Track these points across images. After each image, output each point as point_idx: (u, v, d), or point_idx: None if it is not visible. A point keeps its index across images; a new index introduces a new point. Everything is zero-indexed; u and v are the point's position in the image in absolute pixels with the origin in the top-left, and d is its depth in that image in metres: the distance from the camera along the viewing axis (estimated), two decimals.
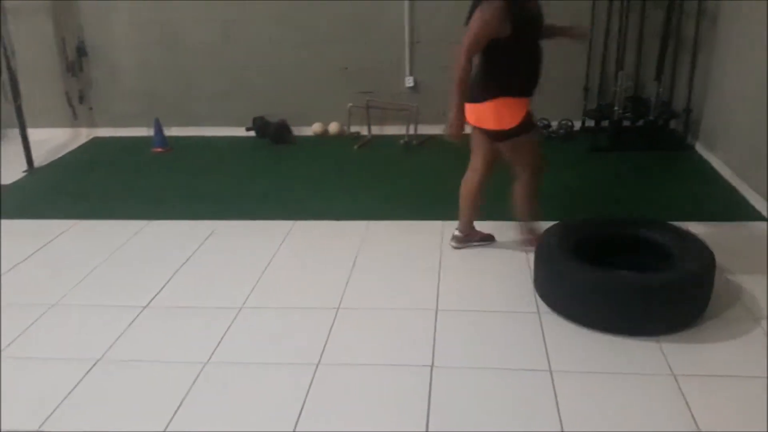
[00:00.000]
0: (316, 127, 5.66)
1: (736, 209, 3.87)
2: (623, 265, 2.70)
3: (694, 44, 4.81)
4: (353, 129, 5.63)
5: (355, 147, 5.31)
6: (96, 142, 5.71)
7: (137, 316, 2.92)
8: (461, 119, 3.08)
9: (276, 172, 4.81)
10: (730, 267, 3.10)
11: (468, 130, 3.19)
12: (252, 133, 5.60)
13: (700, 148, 4.82)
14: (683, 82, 4.97)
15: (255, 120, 5.58)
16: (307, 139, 5.59)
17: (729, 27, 4.43)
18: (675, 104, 5.01)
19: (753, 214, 3.77)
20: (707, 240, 2.88)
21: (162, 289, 3.15)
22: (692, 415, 2.20)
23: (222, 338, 2.73)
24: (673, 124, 5.07)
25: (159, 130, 5.42)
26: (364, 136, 5.54)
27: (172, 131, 5.64)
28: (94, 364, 2.59)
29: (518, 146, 3.13)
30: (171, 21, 5.49)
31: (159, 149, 5.38)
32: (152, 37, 5.55)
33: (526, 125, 3.09)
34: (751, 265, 3.17)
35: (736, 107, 4.23)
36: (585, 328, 2.69)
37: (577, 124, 5.32)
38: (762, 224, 3.64)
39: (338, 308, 2.91)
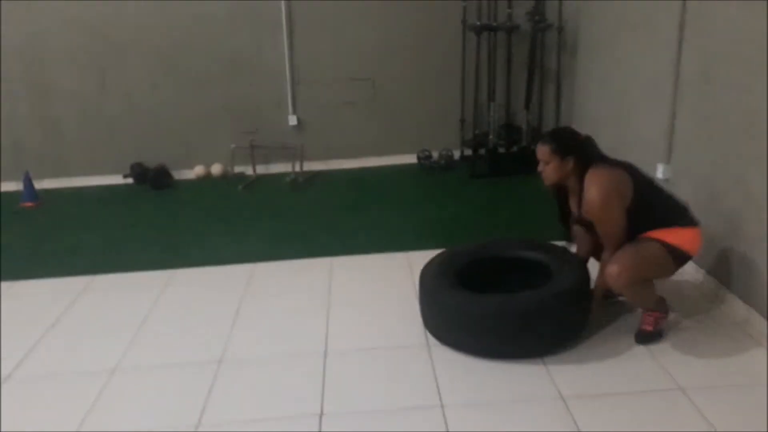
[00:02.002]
0: (198, 170, 5.52)
1: None
2: (506, 288, 2.74)
3: (557, 74, 5.10)
4: (237, 170, 5.54)
5: (240, 188, 5.21)
6: None
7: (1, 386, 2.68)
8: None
9: (155, 219, 4.64)
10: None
11: None
12: (130, 180, 5.38)
13: None
14: (550, 108, 5.26)
15: (132, 166, 5.39)
16: (189, 182, 5.44)
17: (587, 56, 4.73)
18: (545, 129, 5.27)
19: None
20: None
21: (26, 356, 2.91)
22: None
23: (92, 406, 2.54)
24: None
25: (28, 183, 5.10)
26: (249, 177, 5.46)
27: (43, 183, 5.35)
28: None
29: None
30: (40, 69, 5.26)
31: (28, 204, 5.06)
32: (18, 85, 5.27)
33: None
34: None
35: (600, 129, 4.49)
36: (473, 357, 2.71)
37: (457, 154, 5.49)
38: None
39: (220, 361, 2.79)
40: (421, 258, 3.61)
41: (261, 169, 5.53)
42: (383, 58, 5.40)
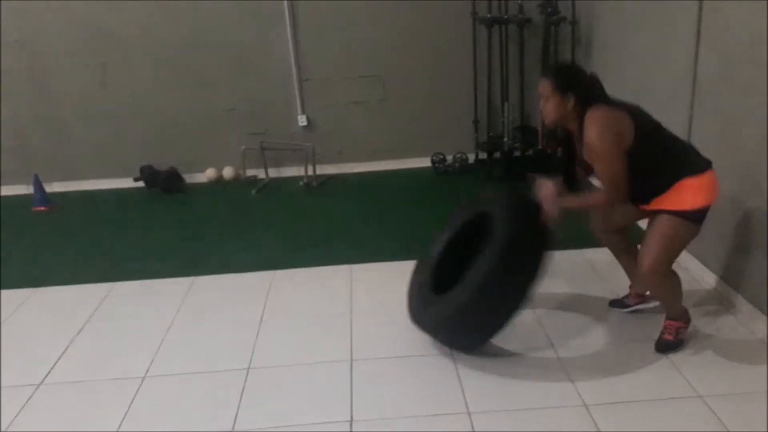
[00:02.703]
0: (209, 173, 5.51)
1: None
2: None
3: None
4: (249, 172, 5.52)
5: (253, 191, 5.20)
6: None
7: (31, 396, 2.68)
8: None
9: (170, 224, 4.63)
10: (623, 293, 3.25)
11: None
12: (141, 184, 5.37)
13: None
14: None
15: (142, 169, 5.36)
16: (200, 186, 5.43)
17: (602, 53, 4.71)
18: (560, 131, 5.24)
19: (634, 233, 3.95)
20: (596, 264, 3.00)
21: (56, 364, 2.91)
22: None
23: (126, 413, 2.55)
24: (560, 151, 5.30)
25: (39, 187, 5.09)
26: (262, 180, 5.45)
27: (53, 187, 5.34)
28: None
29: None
30: (42, 69, 5.21)
31: (41, 208, 5.05)
32: (22, 86, 5.24)
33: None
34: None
35: None
36: (495, 364, 2.73)
37: (471, 157, 5.47)
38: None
39: (248, 368, 2.79)
40: None
41: (273, 172, 5.51)
42: (392, 55, 5.34)
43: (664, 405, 2.43)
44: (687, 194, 2.52)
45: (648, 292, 3.02)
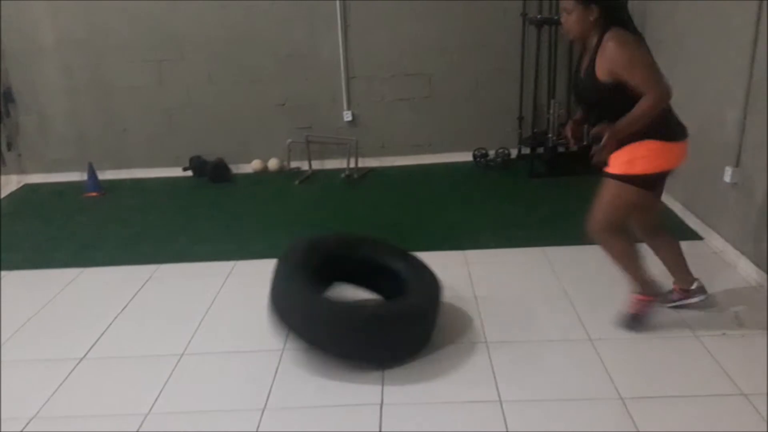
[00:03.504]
0: (255, 164, 5.61)
1: (668, 228, 3.96)
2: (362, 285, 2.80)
3: None
4: (293, 164, 5.61)
5: (296, 182, 5.28)
6: (27, 188, 5.52)
7: (74, 369, 2.80)
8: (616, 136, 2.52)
9: (215, 212, 4.74)
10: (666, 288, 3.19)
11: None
12: (189, 173, 5.51)
13: None
14: None
15: (192, 159, 5.51)
16: (246, 176, 5.54)
17: (654, 52, 4.61)
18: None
19: (686, 233, 3.88)
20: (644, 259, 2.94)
21: (99, 339, 3.02)
22: None
23: (163, 388, 2.63)
24: None
25: (92, 173, 5.28)
26: (305, 171, 5.53)
27: (106, 174, 5.51)
28: (29, 422, 2.46)
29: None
30: (102, 64, 5.40)
31: (93, 193, 5.23)
32: (82, 80, 5.44)
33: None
34: None
35: None
36: (527, 358, 2.72)
37: (514, 152, 5.44)
38: (694, 242, 3.74)
39: (283, 350, 2.85)
40: (479, 257, 3.63)
41: (316, 164, 5.59)
42: (439, 54, 5.37)
43: (705, 402, 2.38)
44: (642, 159, 2.54)
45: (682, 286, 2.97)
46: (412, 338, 2.75)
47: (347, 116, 5.53)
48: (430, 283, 2.90)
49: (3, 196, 5.33)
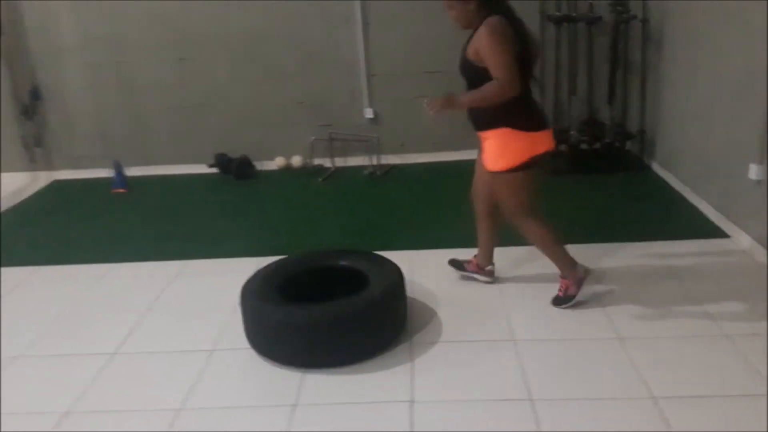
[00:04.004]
0: (279, 161, 5.66)
1: (694, 226, 3.97)
2: (328, 298, 2.77)
3: (642, 68, 4.98)
4: (316, 161, 5.65)
5: (320, 179, 5.32)
6: (55, 185, 5.61)
7: (106, 363, 2.85)
8: (450, 104, 2.87)
9: (241, 209, 4.79)
10: (694, 287, 3.18)
11: None
12: (214, 170, 5.57)
13: (657, 168, 4.95)
14: (635, 104, 5.13)
15: (217, 156, 5.56)
16: (270, 173, 5.59)
17: (674, 50, 4.60)
18: (629, 126, 5.16)
19: (712, 231, 3.86)
20: (670, 258, 2.95)
21: (130, 334, 3.08)
22: None
23: (195, 383, 2.68)
24: (629, 145, 5.22)
25: (119, 170, 5.35)
26: (328, 168, 5.56)
27: (131, 171, 5.58)
28: (62, 418, 2.51)
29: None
30: (126, 62, 5.47)
31: (120, 190, 5.30)
32: (107, 78, 5.52)
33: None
34: (704, 284, 3.25)
35: (688, 125, 4.38)
36: (559, 353, 2.74)
37: None
38: (721, 241, 3.73)
39: None
40: (503, 254, 3.63)
41: (339, 161, 5.62)
42: (458, 51, 5.35)
43: (737, 401, 2.38)
44: (505, 153, 2.82)
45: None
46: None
47: (368, 113, 5.55)
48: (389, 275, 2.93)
49: (32, 192, 5.42)
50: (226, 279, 3.55)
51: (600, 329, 2.89)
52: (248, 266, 3.66)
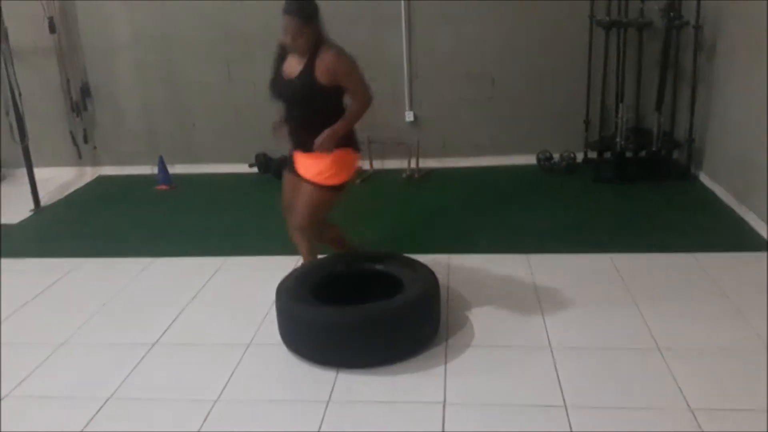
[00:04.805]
0: None
1: (742, 239, 3.87)
2: (362, 300, 2.76)
3: (693, 75, 4.86)
4: None
5: (358, 181, 5.33)
6: (101, 180, 5.75)
7: (147, 353, 2.91)
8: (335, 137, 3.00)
9: (279, 208, 4.81)
10: (738, 300, 3.10)
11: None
12: (255, 169, 5.64)
13: (704, 178, 4.82)
14: (684, 112, 5.01)
15: (257, 156, 5.63)
16: None
17: (727, 59, 4.50)
18: (677, 134, 5.04)
19: (760, 245, 3.75)
20: (714, 270, 2.88)
21: (170, 325, 3.14)
22: None
23: (231, 375, 2.72)
24: (676, 154, 5.11)
25: (163, 167, 5.46)
26: (366, 171, 5.57)
27: (175, 168, 5.68)
28: (104, 403, 2.57)
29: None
30: (173, 61, 5.57)
31: (163, 186, 5.41)
32: (155, 77, 5.63)
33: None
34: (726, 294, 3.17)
35: (738, 135, 4.27)
36: (591, 360, 2.70)
37: (580, 156, 5.35)
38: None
39: None
40: (542, 261, 3.60)
41: (377, 164, 5.62)
42: (504, 55, 5.33)
43: None
44: (343, 170, 3.06)
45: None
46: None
47: (409, 116, 5.54)
48: (426, 278, 2.94)
49: (79, 186, 5.56)
50: (264, 276, 3.57)
51: (639, 339, 2.83)
52: (286, 264, 3.72)
